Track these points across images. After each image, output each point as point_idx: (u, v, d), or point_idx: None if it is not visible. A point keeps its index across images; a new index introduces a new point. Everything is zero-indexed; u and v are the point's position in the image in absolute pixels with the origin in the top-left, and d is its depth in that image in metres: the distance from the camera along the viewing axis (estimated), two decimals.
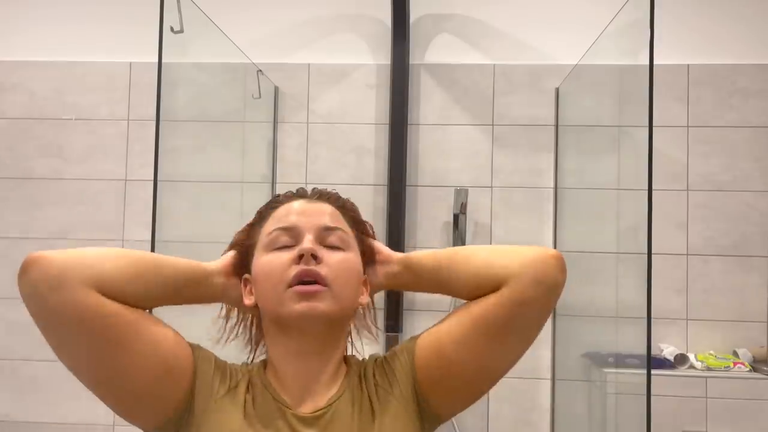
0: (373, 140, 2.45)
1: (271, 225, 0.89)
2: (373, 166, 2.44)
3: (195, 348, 0.86)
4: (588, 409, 2.21)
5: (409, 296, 2.38)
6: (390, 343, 2.29)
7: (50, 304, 0.74)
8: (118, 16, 2.51)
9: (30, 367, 2.43)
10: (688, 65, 2.38)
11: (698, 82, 2.37)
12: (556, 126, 2.41)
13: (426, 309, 2.37)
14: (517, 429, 2.34)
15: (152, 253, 0.85)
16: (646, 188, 1.57)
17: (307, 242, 0.84)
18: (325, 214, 0.89)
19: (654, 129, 1.58)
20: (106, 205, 2.48)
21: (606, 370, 2.08)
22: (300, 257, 0.83)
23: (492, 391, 0.89)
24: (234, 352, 0.95)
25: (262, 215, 0.93)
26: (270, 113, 2.47)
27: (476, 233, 2.39)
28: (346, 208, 0.95)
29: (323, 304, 0.82)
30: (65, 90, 2.53)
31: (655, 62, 1.56)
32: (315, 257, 0.83)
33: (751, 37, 2.38)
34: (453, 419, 2.24)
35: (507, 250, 0.86)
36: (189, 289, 0.86)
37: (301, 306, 0.81)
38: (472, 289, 0.86)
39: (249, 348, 0.96)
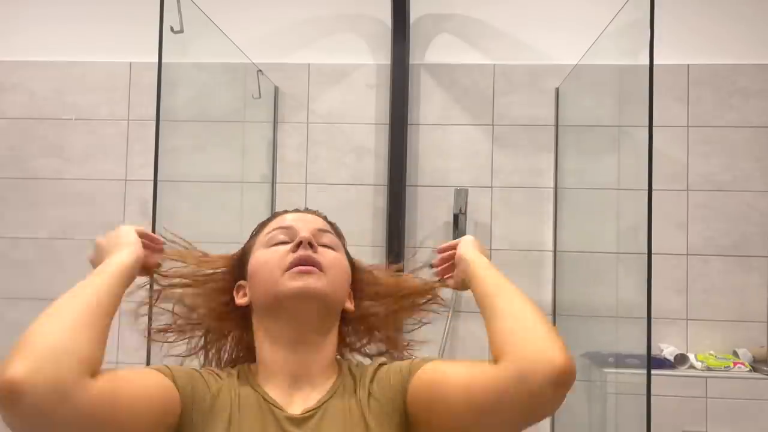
0: (373, 140, 2.45)
1: (267, 229, 0.95)
2: (373, 166, 2.44)
3: (167, 375, 0.83)
4: (588, 409, 2.21)
5: None
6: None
7: (58, 420, 0.65)
8: (118, 16, 2.51)
9: None
10: (688, 65, 2.37)
11: (698, 82, 2.37)
12: (556, 126, 2.41)
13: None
14: None
15: (86, 291, 0.77)
16: (646, 188, 1.57)
17: (304, 230, 0.91)
18: (318, 220, 0.98)
19: (654, 129, 1.58)
20: (106, 205, 2.48)
21: (606, 370, 2.08)
22: (298, 245, 0.88)
23: None
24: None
25: (257, 230, 0.99)
26: (270, 113, 2.47)
27: (476, 233, 2.39)
28: (331, 224, 1.02)
29: (319, 282, 0.86)
30: (65, 90, 2.53)
31: (655, 62, 1.56)
32: (311, 245, 0.89)
33: (751, 37, 2.38)
34: None
35: (526, 324, 0.78)
36: (119, 301, 0.83)
37: (297, 282, 0.85)
38: (489, 339, 0.82)
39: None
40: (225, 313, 0.96)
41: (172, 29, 1.65)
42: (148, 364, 1.49)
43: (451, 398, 0.79)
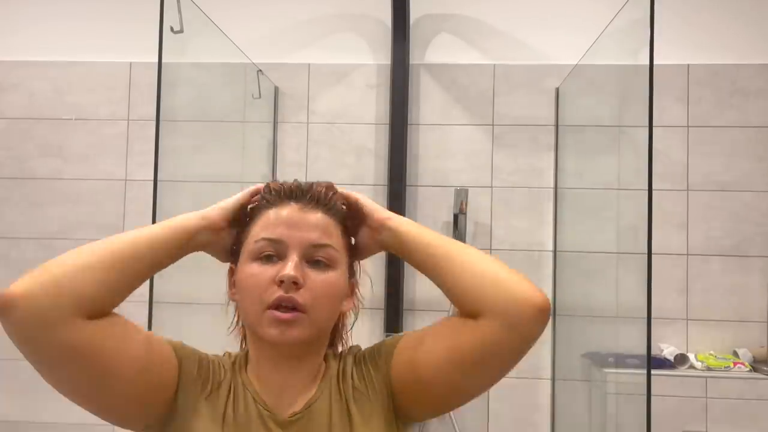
0: (373, 140, 2.45)
1: (259, 231, 0.86)
2: (373, 166, 2.44)
3: (177, 348, 0.85)
4: (588, 409, 2.21)
5: (408, 296, 2.38)
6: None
7: (39, 344, 0.72)
8: (118, 16, 2.51)
9: (30, 367, 2.42)
10: (688, 65, 2.38)
11: (698, 82, 2.37)
12: (556, 126, 2.41)
13: (426, 309, 2.37)
14: (517, 429, 2.34)
15: (125, 237, 0.80)
16: (646, 188, 1.57)
17: (290, 267, 0.81)
18: (316, 228, 0.86)
19: (654, 129, 1.58)
20: (106, 205, 2.48)
21: (606, 370, 2.08)
22: (281, 282, 0.81)
23: (492, 391, 0.90)
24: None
25: (254, 211, 0.91)
26: (270, 113, 2.47)
27: (476, 233, 2.39)
28: (337, 209, 0.90)
29: (298, 330, 0.81)
30: (65, 90, 2.54)
31: (655, 62, 1.56)
32: (296, 283, 0.81)
33: (751, 37, 2.38)
34: (453, 419, 2.25)
35: (497, 278, 0.80)
36: (170, 258, 0.84)
37: (275, 332, 0.81)
38: (455, 301, 0.83)
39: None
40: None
41: (172, 29, 1.65)
42: None
43: (440, 364, 0.81)
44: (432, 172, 2.44)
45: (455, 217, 2.33)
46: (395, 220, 0.91)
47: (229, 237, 0.91)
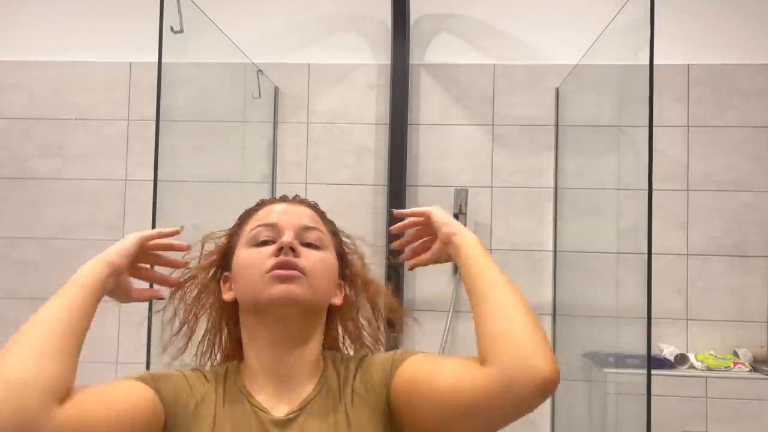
0: (373, 140, 2.45)
1: (252, 223, 0.92)
2: (373, 166, 2.44)
3: (148, 380, 0.82)
4: (588, 409, 2.21)
5: (409, 295, 2.38)
6: (389, 342, 2.29)
7: None
8: (118, 16, 2.51)
9: None
10: (688, 65, 2.38)
11: (698, 82, 2.37)
12: (556, 126, 2.41)
13: (428, 309, 2.37)
14: (517, 429, 2.33)
15: (49, 315, 0.77)
16: (646, 188, 1.57)
17: (288, 236, 0.87)
18: (305, 215, 0.94)
19: (654, 129, 1.58)
20: (106, 205, 2.48)
21: (606, 370, 2.08)
22: (279, 249, 0.86)
23: None
24: None
25: (243, 218, 0.96)
26: (270, 113, 2.47)
27: (476, 233, 2.37)
28: (326, 217, 0.98)
29: (299, 288, 0.84)
30: (65, 90, 2.53)
31: (655, 62, 1.56)
32: (293, 250, 0.86)
33: (751, 37, 2.38)
34: None
35: (518, 333, 0.77)
36: (91, 317, 0.82)
37: (278, 289, 0.83)
38: (477, 337, 0.81)
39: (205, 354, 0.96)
40: (216, 306, 0.95)
41: (171, 29, 1.65)
42: (147, 363, 1.49)
43: (435, 398, 0.79)
44: (432, 172, 2.44)
45: (455, 217, 2.33)
46: (459, 237, 0.94)
47: (128, 278, 0.92)
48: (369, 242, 1.05)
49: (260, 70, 2.37)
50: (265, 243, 0.88)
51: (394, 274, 2.35)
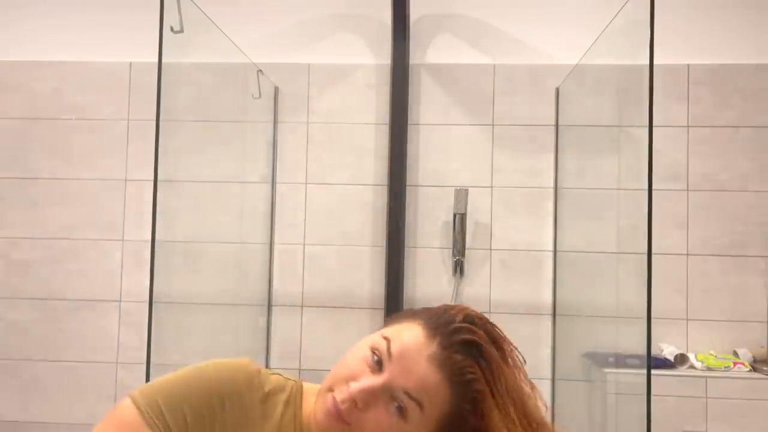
0: (373, 140, 2.45)
1: (388, 332, 0.82)
2: (373, 166, 2.44)
3: (163, 420, 0.75)
4: (588, 409, 2.21)
5: (408, 295, 2.37)
6: None
7: None
8: (118, 16, 2.51)
9: (30, 367, 2.42)
10: (688, 65, 2.38)
11: (698, 82, 2.37)
12: (556, 126, 2.41)
13: None
14: None
15: None
16: (646, 188, 1.57)
17: (359, 386, 0.75)
18: (428, 378, 0.76)
19: (654, 129, 1.58)
20: (106, 205, 2.48)
21: (606, 370, 2.08)
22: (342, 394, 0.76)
23: None
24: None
25: (404, 316, 0.88)
26: (270, 113, 2.47)
27: (476, 233, 2.40)
28: (465, 387, 0.78)
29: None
30: (65, 90, 2.53)
31: (655, 62, 1.56)
32: (355, 404, 0.75)
33: (751, 37, 2.38)
34: None
35: None
36: None
37: (322, 417, 0.77)
38: None
39: None
40: None
41: (172, 29, 1.65)
42: (147, 365, 1.49)
43: None
44: (432, 172, 2.44)
45: (455, 217, 2.34)
46: None
47: None
48: (369, 242, 1.04)
49: (260, 70, 2.37)
50: (375, 357, 0.78)
51: (395, 274, 2.35)
